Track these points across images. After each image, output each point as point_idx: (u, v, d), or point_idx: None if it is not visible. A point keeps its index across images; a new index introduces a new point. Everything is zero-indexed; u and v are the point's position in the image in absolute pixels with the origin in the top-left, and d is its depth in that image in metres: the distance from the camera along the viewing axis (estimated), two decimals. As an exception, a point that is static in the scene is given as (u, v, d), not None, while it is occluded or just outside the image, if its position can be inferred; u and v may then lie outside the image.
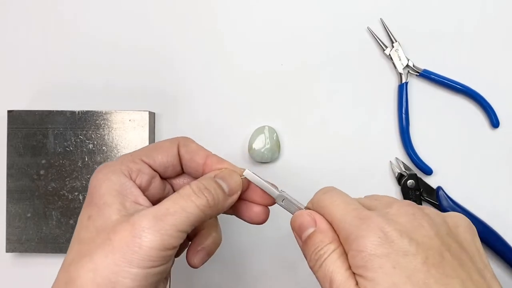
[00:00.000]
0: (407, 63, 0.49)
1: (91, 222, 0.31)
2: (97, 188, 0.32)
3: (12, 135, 0.48)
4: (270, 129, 0.49)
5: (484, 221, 0.48)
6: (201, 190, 0.32)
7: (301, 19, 0.50)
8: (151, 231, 0.29)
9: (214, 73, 0.50)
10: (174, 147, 0.35)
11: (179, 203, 0.31)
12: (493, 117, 0.48)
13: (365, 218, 0.29)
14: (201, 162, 0.35)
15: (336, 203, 0.32)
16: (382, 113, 0.50)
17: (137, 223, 0.29)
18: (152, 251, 0.29)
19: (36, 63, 0.51)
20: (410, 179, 0.48)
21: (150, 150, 0.35)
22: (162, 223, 0.29)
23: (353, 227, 0.29)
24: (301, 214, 0.33)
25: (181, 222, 0.30)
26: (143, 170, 0.34)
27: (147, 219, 0.30)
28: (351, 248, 0.29)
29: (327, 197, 0.33)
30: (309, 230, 0.32)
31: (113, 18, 0.51)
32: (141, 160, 0.34)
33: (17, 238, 0.48)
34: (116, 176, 0.32)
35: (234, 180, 0.34)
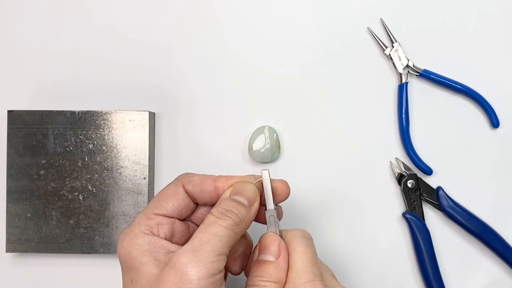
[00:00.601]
0: (407, 63, 0.49)
1: (135, 284, 0.32)
2: (128, 255, 0.33)
3: (12, 135, 0.48)
4: (270, 129, 0.49)
5: (484, 221, 0.48)
6: (223, 213, 0.33)
7: (301, 19, 0.50)
8: (194, 264, 0.30)
9: (214, 73, 0.50)
10: (180, 189, 0.36)
11: (209, 231, 0.32)
12: (493, 117, 0.48)
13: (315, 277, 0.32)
14: (211, 188, 0.36)
15: (308, 255, 0.33)
16: (382, 113, 0.50)
17: (177, 263, 0.30)
18: (202, 281, 0.30)
19: (36, 63, 0.51)
20: (410, 179, 0.48)
21: (159, 201, 0.36)
22: (201, 253, 0.31)
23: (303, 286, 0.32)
24: (274, 239, 0.34)
25: (217, 247, 0.31)
26: (161, 222, 0.35)
27: (186, 255, 0.31)
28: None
29: (304, 242, 0.34)
30: (269, 256, 0.34)
31: (113, 18, 0.51)
32: (155, 214, 0.35)
33: (17, 238, 0.48)
34: (140, 238, 0.33)
35: (249, 190, 0.35)
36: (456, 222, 0.48)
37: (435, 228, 0.48)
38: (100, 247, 0.48)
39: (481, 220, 0.48)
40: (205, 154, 0.50)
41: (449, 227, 0.49)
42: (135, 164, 0.48)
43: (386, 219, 0.49)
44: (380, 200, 0.49)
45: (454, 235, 0.49)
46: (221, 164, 0.50)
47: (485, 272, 0.49)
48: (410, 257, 0.49)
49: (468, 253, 0.49)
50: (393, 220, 0.49)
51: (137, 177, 0.48)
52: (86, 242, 0.48)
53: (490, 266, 0.49)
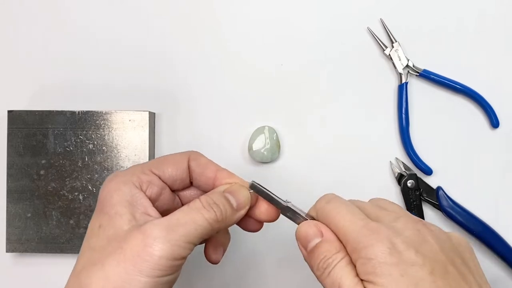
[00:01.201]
0: (407, 63, 0.49)
1: (102, 231, 0.32)
2: (108, 197, 0.33)
3: (12, 135, 0.48)
4: (270, 129, 0.49)
5: (484, 221, 0.48)
6: (210, 204, 0.33)
7: (301, 19, 0.50)
8: (162, 241, 0.30)
9: (214, 73, 0.50)
10: (185, 161, 0.36)
11: (189, 215, 0.32)
12: (493, 117, 0.48)
13: (373, 229, 0.30)
14: (211, 176, 0.36)
15: (342, 213, 0.32)
16: (382, 113, 0.50)
17: (148, 232, 0.30)
18: (162, 260, 0.30)
19: (36, 63, 0.51)
20: (410, 179, 0.48)
21: (161, 162, 0.35)
22: (173, 233, 0.30)
23: (362, 237, 0.30)
24: (307, 225, 0.33)
25: (190, 234, 0.31)
26: (153, 181, 0.34)
27: (159, 228, 0.30)
28: (360, 256, 0.30)
29: (332, 207, 0.33)
30: (315, 240, 0.32)
31: (113, 18, 0.51)
32: (151, 172, 0.34)
33: (17, 238, 0.48)
34: (127, 186, 0.33)
35: (243, 195, 0.35)
36: (456, 222, 0.48)
37: (435, 228, 0.48)
38: (100, 247, 0.48)
39: (481, 220, 0.48)
40: (205, 154, 0.50)
41: (449, 227, 0.49)
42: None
43: (386, 219, 0.49)
44: (380, 200, 0.49)
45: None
46: (221, 164, 0.49)
47: (485, 272, 0.48)
48: (410, 257, 0.49)
49: (468, 253, 0.49)
50: (393, 220, 0.49)
51: (137, 177, 0.48)
52: (86, 242, 0.48)
53: (490, 266, 0.49)
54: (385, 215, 0.33)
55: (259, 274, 0.49)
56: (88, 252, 0.32)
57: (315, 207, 0.35)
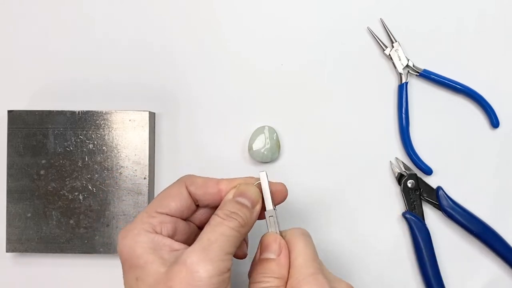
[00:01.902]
0: (407, 63, 0.49)
1: (141, 283, 0.32)
2: (131, 253, 0.33)
3: (12, 135, 0.48)
4: (270, 129, 0.49)
5: (484, 221, 0.48)
6: (228, 215, 0.34)
7: (301, 19, 0.50)
8: (205, 263, 0.31)
9: (214, 73, 0.50)
10: (183, 189, 0.36)
11: (216, 231, 0.33)
12: (493, 117, 0.48)
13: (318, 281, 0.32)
14: (215, 191, 0.37)
15: (308, 251, 0.34)
16: (382, 113, 0.50)
17: (188, 262, 0.31)
18: (213, 279, 0.31)
19: (36, 63, 0.51)
20: (410, 179, 0.48)
21: (162, 201, 0.36)
22: (211, 252, 0.31)
23: (305, 282, 0.32)
24: (275, 238, 0.35)
25: (225, 246, 0.32)
26: (164, 220, 0.35)
27: (196, 254, 0.31)
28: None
29: (303, 239, 0.35)
30: (271, 254, 0.34)
31: (113, 18, 0.51)
32: (158, 213, 0.35)
33: (17, 238, 0.48)
34: (143, 236, 0.33)
35: (252, 192, 0.36)
36: (456, 222, 0.48)
37: (435, 228, 0.48)
38: (100, 247, 0.48)
39: (481, 220, 0.48)
40: (205, 154, 0.50)
41: (449, 227, 0.49)
42: (135, 164, 0.48)
43: (386, 219, 0.49)
44: (380, 200, 0.49)
45: (454, 235, 0.49)
46: (221, 164, 0.50)
47: (485, 272, 0.49)
48: (410, 257, 0.49)
49: (468, 253, 0.49)
50: (393, 220, 0.49)
51: (137, 177, 0.48)
52: (86, 242, 0.48)
53: (490, 266, 0.49)
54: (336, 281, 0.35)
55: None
56: None
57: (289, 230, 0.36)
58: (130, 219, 0.48)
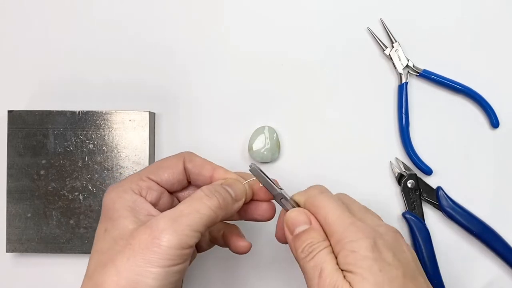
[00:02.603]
0: (407, 63, 0.49)
1: (108, 234, 0.33)
2: (111, 205, 0.34)
3: (12, 135, 0.48)
4: (270, 129, 0.49)
5: (484, 221, 0.48)
6: (212, 192, 0.35)
7: (301, 19, 0.50)
8: (169, 232, 0.31)
9: (214, 74, 0.50)
10: (180, 163, 0.38)
11: (192, 205, 0.33)
12: (493, 117, 0.48)
13: (359, 227, 0.33)
14: (209, 175, 0.38)
15: (332, 207, 0.35)
16: (382, 113, 0.50)
17: (154, 225, 0.32)
18: (171, 250, 0.31)
19: (36, 63, 0.51)
20: (410, 179, 0.48)
21: (157, 168, 0.37)
22: (178, 224, 0.32)
23: (348, 232, 0.33)
24: (297, 212, 0.35)
25: (195, 223, 0.33)
26: (152, 187, 0.36)
27: (164, 221, 0.32)
28: (344, 248, 0.32)
29: (323, 198, 0.36)
30: (303, 226, 0.35)
31: (114, 18, 0.51)
32: (149, 178, 0.36)
33: (17, 238, 0.48)
34: (128, 194, 0.35)
35: (239, 187, 0.37)
36: (456, 222, 0.48)
37: (435, 228, 0.48)
38: (100, 247, 0.48)
39: (481, 220, 0.48)
40: (205, 154, 0.49)
41: (449, 227, 0.49)
42: (135, 164, 0.48)
43: (386, 219, 0.49)
44: (380, 200, 0.49)
45: (454, 235, 0.49)
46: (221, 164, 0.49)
47: (485, 272, 0.49)
48: (410, 257, 0.49)
49: (468, 253, 0.49)
50: (393, 220, 0.49)
51: (137, 177, 0.48)
52: (87, 242, 0.48)
53: (490, 266, 0.49)
54: (370, 218, 0.36)
55: (259, 273, 0.49)
56: (96, 256, 0.33)
57: (307, 194, 0.36)
58: (130, 219, 0.48)
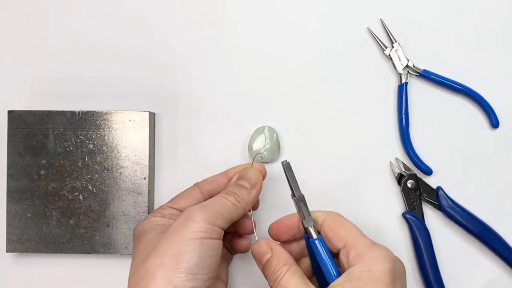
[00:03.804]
0: (407, 63, 0.49)
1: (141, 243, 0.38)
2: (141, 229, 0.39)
3: (12, 135, 0.48)
4: (270, 129, 0.49)
5: (484, 221, 0.48)
6: (227, 192, 0.40)
7: (301, 19, 0.50)
8: (199, 212, 0.36)
9: (214, 74, 0.50)
10: (195, 191, 0.43)
11: (215, 199, 0.39)
12: (493, 117, 0.48)
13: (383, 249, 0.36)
14: (225, 180, 0.44)
15: (354, 227, 0.38)
16: (382, 113, 0.50)
17: (187, 211, 0.37)
18: (202, 223, 0.35)
19: (36, 63, 0.51)
20: (410, 179, 0.48)
21: (175, 199, 0.43)
22: (207, 208, 0.37)
23: (372, 249, 0.36)
24: (258, 244, 0.39)
25: (220, 208, 0.38)
26: (173, 213, 0.41)
27: (195, 207, 0.37)
28: (357, 262, 0.35)
29: (343, 218, 0.39)
30: (266, 256, 0.38)
31: (113, 18, 0.51)
32: (170, 207, 0.42)
33: (17, 238, 0.48)
34: (156, 218, 0.40)
35: (251, 173, 0.42)
36: (456, 222, 0.48)
37: (435, 228, 0.48)
38: (100, 247, 0.48)
39: (481, 220, 0.48)
40: (205, 154, 0.50)
41: (449, 227, 0.49)
42: (135, 164, 0.48)
43: (386, 219, 0.49)
44: (380, 200, 0.49)
45: (454, 235, 0.49)
46: (221, 164, 0.49)
47: (485, 272, 0.49)
48: (410, 257, 0.49)
49: (468, 253, 0.49)
50: (393, 220, 0.49)
51: (137, 177, 0.48)
52: (86, 242, 0.48)
53: (490, 266, 0.49)
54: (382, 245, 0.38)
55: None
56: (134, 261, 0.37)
57: (325, 212, 0.40)
58: (130, 219, 0.48)
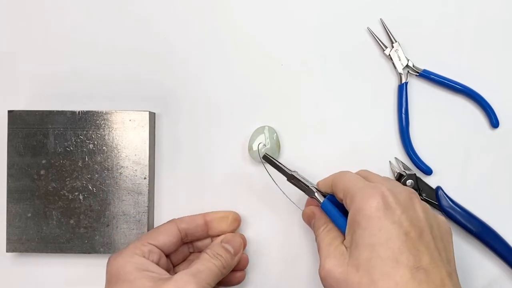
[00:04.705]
0: (407, 63, 0.49)
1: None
2: (120, 270, 0.39)
3: (13, 135, 0.48)
4: (270, 129, 0.49)
5: (484, 221, 0.48)
6: (215, 255, 0.42)
7: (301, 19, 0.50)
8: (192, 283, 0.37)
9: (214, 74, 0.50)
10: (172, 228, 0.44)
11: (204, 264, 0.40)
12: (493, 117, 0.48)
13: (372, 186, 0.38)
14: (202, 222, 0.46)
15: (352, 177, 0.40)
16: (382, 113, 0.50)
17: (179, 279, 0.37)
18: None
19: (36, 63, 0.51)
20: (409, 179, 0.48)
21: (153, 234, 0.44)
22: (198, 278, 0.38)
23: (360, 190, 0.37)
24: (305, 212, 0.45)
25: (209, 278, 0.39)
26: (152, 250, 0.42)
27: (187, 276, 0.38)
28: (351, 206, 0.37)
29: (345, 173, 0.42)
30: (311, 220, 0.44)
31: (113, 18, 0.51)
32: (148, 243, 0.42)
33: (17, 238, 0.48)
34: (135, 258, 0.40)
35: (236, 241, 0.44)
36: (456, 222, 0.48)
37: (435, 228, 0.48)
38: (100, 247, 0.48)
39: (481, 220, 0.48)
40: (205, 154, 0.50)
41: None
42: (135, 164, 0.48)
43: (386, 219, 0.49)
44: (380, 200, 0.49)
45: (454, 235, 0.48)
46: (221, 164, 0.50)
47: (485, 272, 0.49)
48: (410, 257, 0.49)
49: (468, 253, 0.49)
50: (393, 220, 0.49)
51: (137, 177, 0.48)
52: (87, 242, 0.48)
53: (490, 266, 0.49)
54: (386, 181, 0.41)
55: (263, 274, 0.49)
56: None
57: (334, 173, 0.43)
58: (130, 219, 0.48)
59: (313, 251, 0.49)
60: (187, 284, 0.37)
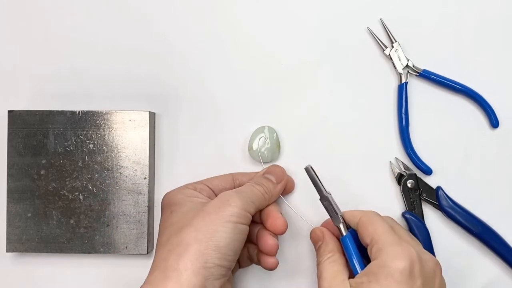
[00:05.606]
0: (407, 63, 0.49)
1: (176, 212, 0.40)
2: (172, 197, 0.42)
3: (13, 135, 0.48)
4: (270, 129, 0.49)
5: (484, 221, 0.48)
6: (256, 183, 0.44)
7: (301, 19, 0.50)
8: (235, 198, 0.40)
9: (214, 74, 0.50)
10: (228, 176, 0.47)
11: (247, 186, 0.43)
12: (493, 117, 0.48)
13: (404, 247, 0.37)
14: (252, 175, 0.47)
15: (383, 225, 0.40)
16: (382, 113, 0.50)
17: (224, 195, 0.40)
18: (238, 209, 0.39)
19: (36, 63, 0.51)
20: (409, 179, 0.48)
21: (209, 178, 0.46)
22: (241, 194, 0.41)
23: (390, 246, 0.37)
24: (315, 230, 0.44)
25: (252, 196, 0.42)
26: (204, 188, 0.44)
27: (231, 192, 0.41)
28: (377, 257, 0.37)
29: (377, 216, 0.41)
30: (318, 243, 0.43)
31: (113, 17, 0.51)
32: (201, 183, 0.45)
33: (17, 238, 0.48)
34: (187, 190, 0.43)
35: (278, 170, 0.46)
36: (456, 222, 0.48)
37: (435, 228, 0.48)
38: (100, 247, 0.48)
39: (481, 220, 0.48)
40: (205, 154, 0.50)
41: (449, 227, 0.49)
42: (136, 164, 0.48)
43: (386, 219, 0.49)
44: (380, 200, 0.49)
45: (454, 235, 0.49)
46: (221, 164, 0.50)
47: (485, 272, 0.49)
48: (410, 257, 0.49)
49: (468, 253, 0.49)
50: (393, 220, 0.49)
51: (138, 177, 0.48)
52: (87, 242, 0.48)
53: (490, 266, 0.49)
54: (415, 242, 0.41)
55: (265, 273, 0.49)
56: (168, 229, 0.40)
57: (363, 211, 0.42)
58: (130, 219, 0.48)
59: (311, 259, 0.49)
60: (230, 197, 0.39)
